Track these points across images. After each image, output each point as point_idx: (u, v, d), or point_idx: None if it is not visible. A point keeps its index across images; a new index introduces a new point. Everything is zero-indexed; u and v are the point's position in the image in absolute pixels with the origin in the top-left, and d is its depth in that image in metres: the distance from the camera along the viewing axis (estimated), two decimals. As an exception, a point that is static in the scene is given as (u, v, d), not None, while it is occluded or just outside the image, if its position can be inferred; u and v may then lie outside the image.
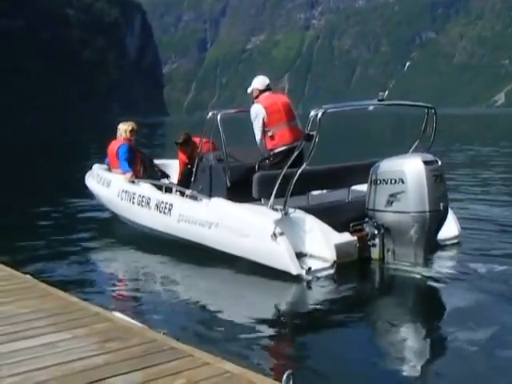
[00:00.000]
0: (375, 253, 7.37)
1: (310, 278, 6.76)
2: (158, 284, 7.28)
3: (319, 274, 6.84)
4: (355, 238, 7.31)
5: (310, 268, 6.81)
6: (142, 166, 10.13)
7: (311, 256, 7.05)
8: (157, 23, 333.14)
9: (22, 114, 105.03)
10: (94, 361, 3.61)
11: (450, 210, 7.76)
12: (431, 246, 7.30)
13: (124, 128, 10.08)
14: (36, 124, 76.44)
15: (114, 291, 7.07)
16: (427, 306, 6.45)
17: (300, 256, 6.99)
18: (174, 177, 10.19)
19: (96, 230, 10.29)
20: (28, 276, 5.78)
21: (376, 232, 7.33)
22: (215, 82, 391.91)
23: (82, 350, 3.77)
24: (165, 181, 10.09)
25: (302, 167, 6.99)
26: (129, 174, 9.57)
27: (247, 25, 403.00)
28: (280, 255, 6.86)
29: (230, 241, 7.46)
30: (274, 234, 6.88)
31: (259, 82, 8.63)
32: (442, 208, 7.05)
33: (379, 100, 7.50)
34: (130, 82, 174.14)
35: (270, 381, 3.39)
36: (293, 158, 7.03)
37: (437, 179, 7.02)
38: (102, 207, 10.75)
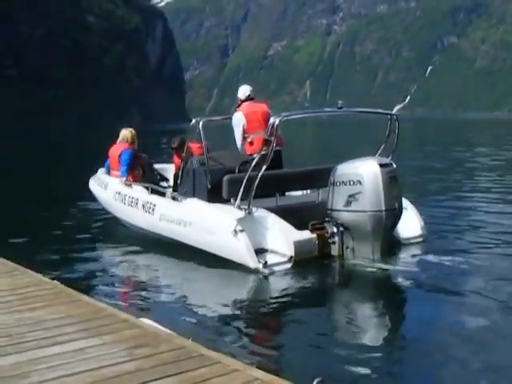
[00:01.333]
0: (335, 250, 7.90)
1: (266, 271, 7.31)
2: (178, 288, 7.42)
3: (276, 268, 7.41)
4: (314, 235, 7.84)
5: (266, 262, 7.38)
6: (142, 170, 10.62)
7: (271, 252, 7.66)
8: (178, 30, 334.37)
9: (41, 121, 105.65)
10: (124, 367, 3.65)
11: (415, 209, 8.58)
12: (388, 242, 7.82)
13: (127, 134, 10.63)
14: (55, 130, 76.88)
15: (135, 296, 7.19)
16: (384, 298, 6.87)
17: (261, 252, 7.61)
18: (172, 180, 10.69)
19: (109, 234, 10.60)
20: (55, 282, 5.86)
21: (335, 230, 7.82)
22: (237, 89, 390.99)
23: (112, 357, 3.82)
24: (164, 184, 10.73)
25: (262, 171, 7.65)
26: (124, 179, 10.11)
27: (269, 31, 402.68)
28: (239, 250, 7.42)
29: (200, 238, 8.05)
30: (235, 231, 7.45)
31: (241, 92, 9.55)
32: (396, 207, 7.63)
33: (338, 108, 8.13)
34: (150, 89, 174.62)
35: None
36: (254, 162, 7.73)
37: (392, 180, 7.57)
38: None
